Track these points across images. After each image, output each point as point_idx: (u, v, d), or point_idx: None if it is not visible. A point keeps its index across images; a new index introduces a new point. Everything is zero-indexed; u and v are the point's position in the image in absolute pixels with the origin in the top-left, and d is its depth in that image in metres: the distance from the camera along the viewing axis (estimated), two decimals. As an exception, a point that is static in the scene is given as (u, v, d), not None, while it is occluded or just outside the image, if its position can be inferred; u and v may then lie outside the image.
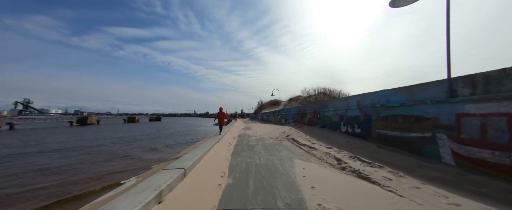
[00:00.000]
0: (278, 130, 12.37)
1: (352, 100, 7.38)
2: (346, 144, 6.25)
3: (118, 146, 15.66)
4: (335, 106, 8.77)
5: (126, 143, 17.11)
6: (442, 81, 3.89)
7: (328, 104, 9.65)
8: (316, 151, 5.87)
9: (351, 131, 7.30)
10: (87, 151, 13.51)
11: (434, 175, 3.21)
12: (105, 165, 9.55)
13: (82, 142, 17.78)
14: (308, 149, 6.31)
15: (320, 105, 10.67)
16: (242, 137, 10.62)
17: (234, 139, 9.96)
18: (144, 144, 16.74)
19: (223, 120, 11.28)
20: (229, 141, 8.89)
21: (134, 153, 12.64)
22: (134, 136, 22.75)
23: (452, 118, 3.65)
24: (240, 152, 6.27)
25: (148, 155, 11.99)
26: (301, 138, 8.39)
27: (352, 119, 7.29)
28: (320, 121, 10.50)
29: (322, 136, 8.22)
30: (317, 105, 11.30)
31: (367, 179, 3.20)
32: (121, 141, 18.22)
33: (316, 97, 40.42)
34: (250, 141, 9.09)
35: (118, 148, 14.74)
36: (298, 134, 9.33)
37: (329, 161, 4.67)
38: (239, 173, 3.91)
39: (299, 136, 8.83)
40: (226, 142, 8.33)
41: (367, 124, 6.33)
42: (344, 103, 7.98)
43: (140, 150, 13.63)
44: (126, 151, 13.43)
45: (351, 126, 7.33)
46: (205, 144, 6.73)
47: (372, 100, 6.12)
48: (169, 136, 23.35)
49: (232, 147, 7.35)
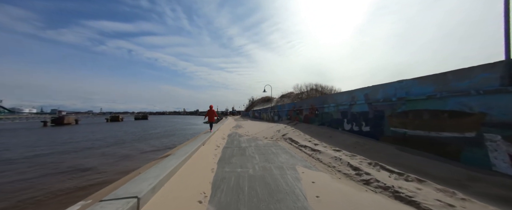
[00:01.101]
0: (272, 128, 11.34)
1: (358, 94, 6.45)
2: (355, 145, 5.31)
3: (79, 153, 12.09)
4: (337, 101, 7.83)
5: (97, 147, 14.24)
6: (496, 64, 2.96)
7: (328, 99, 8.71)
8: (322, 154, 4.86)
9: (357, 129, 6.39)
10: (26, 162, 9.89)
11: (503, 194, 2.28)
12: (28, 189, 6.36)
13: (42, 147, 14.49)
14: (311, 152, 5.30)
15: (319, 100, 9.73)
16: (232, 137, 9.46)
17: (223, 139, 8.79)
18: (116, 149, 13.38)
19: (213, 118, 11.31)
20: (217, 142, 7.71)
21: (96, 162, 9.74)
22: (115, 137, 20.81)
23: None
24: (229, 157, 5.13)
25: (113, 166, 9.15)
26: (299, 138, 7.40)
27: (358, 115, 6.38)
28: (318, 117, 9.57)
29: (323, 135, 7.27)
30: (315, 100, 10.36)
31: (414, 203, 2.19)
32: (92, 145, 15.49)
33: (308, 93, 39.97)
34: (241, 141, 7.96)
35: (76, 156, 11.34)
36: (296, 133, 8.34)
37: (343, 169, 3.66)
38: (226, 193, 2.78)
39: (297, 135, 7.83)
40: (213, 144, 7.15)
41: (378, 121, 5.42)
42: (348, 98, 7.05)
43: (104, 159, 10.40)
44: (86, 160, 10.31)
45: (357, 124, 6.42)
46: (187, 148, 5.51)
47: (386, 93, 5.19)
48: (154, 136, 21.64)
49: (220, 150, 6.18)
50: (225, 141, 8.19)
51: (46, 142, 17.67)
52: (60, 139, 19.51)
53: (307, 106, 11.34)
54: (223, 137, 9.59)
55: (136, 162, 9.79)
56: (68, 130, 31.67)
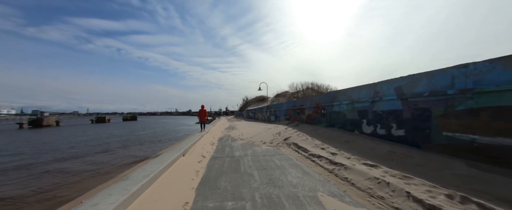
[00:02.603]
0: (270, 130, 9.82)
1: (385, 88, 5.01)
2: (391, 156, 3.87)
3: (29, 167, 7.59)
4: (352, 98, 6.40)
5: (65, 154, 10.68)
6: None
7: (338, 96, 7.27)
8: (350, 171, 3.38)
9: (383, 133, 4.96)
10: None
11: None
12: None
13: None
14: (331, 166, 3.81)
15: (326, 97, 8.27)
16: (224, 142, 7.87)
17: (212, 145, 7.18)
18: (71, 165, 8.17)
19: (205, 118, 11.01)
20: (204, 150, 6.10)
21: (41, 182, 5.92)
22: (99, 140, 18.58)
23: None
24: (216, 176, 3.55)
25: (62, 188, 5.32)
26: (307, 143, 5.91)
27: (385, 115, 4.95)
28: (326, 118, 8.13)
29: (337, 140, 5.81)
30: (320, 97, 8.90)
31: None
32: (61, 152, 11.77)
33: (304, 92, 38.80)
34: (234, 148, 6.39)
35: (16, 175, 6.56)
36: (301, 137, 6.85)
37: (405, 207, 2.19)
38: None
39: (304, 140, 6.34)
40: (197, 153, 5.54)
41: (419, 122, 4.01)
42: (368, 93, 5.62)
43: (57, 177, 6.36)
44: (29, 179, 6.16)
45: (383, 126, 4.99)
46: (155, 164, 3.88)
47: (433, 85, 3.78)
48: (140, 139, 19.60)
49: (205, 163, 4.58)
50: (214, 148, 6.59)
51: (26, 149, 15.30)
52: (29, 144, 17.11)
53: (310, 104, 9.89)
54: (212, 142, 7.98)
55: (85, 184, 5.96)
56: (44, 133, 28.82)
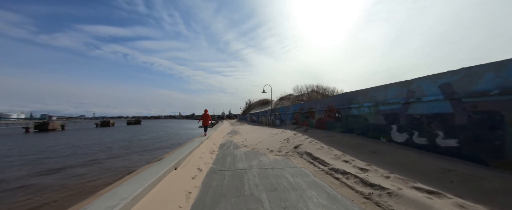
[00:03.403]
0: (277, 136, 8.87)
1: (425, 85, 4.02)
2: (446, 176, 2.88)
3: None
4: (376, 99, 5.41)
5: (43, 166, 9.51)
6: None
7: (357, 97, 6.29)
8: (397, 199, 2.42)
9: (425, 143, 3.95)
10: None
11: None
12: None
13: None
14: (364, 188, 2.85)
15: (341, 99, 7.29)
16: (225, 149, 6.96)
17: (212, 154, 6.28)
18: (65, 172, 8.18)
19: (208, 122, 11.09)
20: (202, 159, 5.21)
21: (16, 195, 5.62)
22: (93, 146, 17.99)
23: None
24: (214, 200, 2.64)
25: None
26: (324, 153, 4.93)
27: (425, 119, 3.95)
28: (341, 122, 7.13)
29: (360, 150, 4.82)
30: (334, 99, 7.91)
31: None
32: (38, 164, 10.71)
33: (309, 95, 37.69)
34: (237, 158, 5.47)
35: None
36: (314, 144, 5.87)
37: None
38: None
39: (319, 149, 5.36)
40: (194, 163, 4.65)
41: (483, 130, 3.02)
42: (399, 93, 4.64)
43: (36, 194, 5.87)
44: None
45: (424, 133, 3.98)
46: (142, 176, 3.01)
47: (508, 79, 2.80)
48: (142, 144, 18.92)
49: (201, 178, 3.68)
50: (213, 157, 5.69)
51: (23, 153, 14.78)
52: (29, 149, 16.61)
53: (321, 106, 8.91)
54: (212, 149, 7.08)
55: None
56: (49, 137, 28.58)
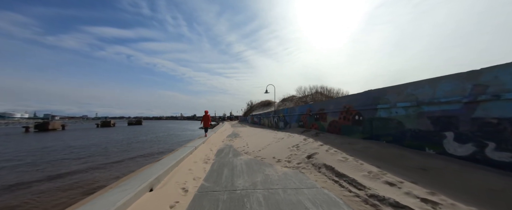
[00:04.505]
0: (283, 140, 7.67)
1: (507, 77, 2.81)
2: None
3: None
4: (416, 96, 4.19)
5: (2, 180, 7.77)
6: None
7: (386, 95, 5.06)
8: None
9: (508, 160, 2.74)
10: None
11: None
12: None
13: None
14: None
15: (362, 98, 6.03)
16: (223, 157, 5.79)
17: (207, 163, 5.12)
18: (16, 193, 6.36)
19: (208, 123, 11.10)
20: (192, 173, 4.05)
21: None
22: (85, 149, 16.98)
23: None
24: None
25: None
26: (351, 168, 3.72)
27: (508, 125, 2.75)
28: (363, 126, 5.91)
29: (398, 164, 3.61)
30: (353, 98, 6.63)
31: None
32: (40, 161, 10.98)
33: (313, 96, 36.38)
34: (236, 170, 4.30)
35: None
36: (333, 154, 4.66)
37: None
38: None
39: (342, 161, 4.15)
40: (179, 179, 3.49)
41: None
42: (457, 88, 3.42)
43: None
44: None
45: (504, 145, 2.77)
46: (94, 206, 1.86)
47: None
48: (139, 145, 17.95)
49: (182, 207, 2.54)
50: (207, 169, 4.52)
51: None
52: (24, 149, 15.67)
53: (335, 107, 7.70)
54: (207, 157, 5.92)
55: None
56: (47, 137, 27.76)
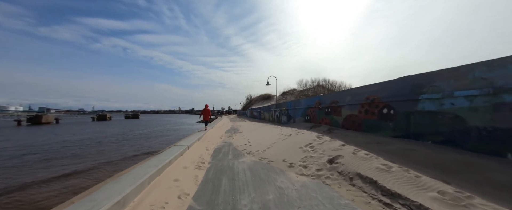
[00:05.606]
0: (291, 137, 6.57)
1: None
2: None
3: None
4: (492, 81, 3.06)
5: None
6: None
7: (436, 81, 3.89)
8: None
9: None
10: None
11: None
12: None
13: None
14: None
15: (398, 86, 4.78)
16: (221, 159, 4.67)
17: (200, 169, 4.01)
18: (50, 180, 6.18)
19: (208, 117, 11.43)
20: (177, 187, 2.91)
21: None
22: (88, 139, 15.84)
23: None
24: None
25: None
26: (403, 182, 2.63)
27: None
28: (395, 122, 4.78)
29: (476, 178, 2.52)
30: (381, 87, 5.39)
31: None
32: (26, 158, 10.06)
33: (315, 90, 35.24)
34: (238, 179, 3.19)
35: None
36: (366, 159, 3.56)
37: None
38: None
39: (384, 171, 3.05)
40: (160, 198, 2.37)
41: None
42: None
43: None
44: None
45: None
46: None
47: None
48: (133, 139, 16.87)
49: None
50: (199, 179, 3.40)
51: None
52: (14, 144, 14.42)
53: (353, 99, 6.56)
54: (201, 159, 4.79)
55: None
56: (39, 130, 26.46)
